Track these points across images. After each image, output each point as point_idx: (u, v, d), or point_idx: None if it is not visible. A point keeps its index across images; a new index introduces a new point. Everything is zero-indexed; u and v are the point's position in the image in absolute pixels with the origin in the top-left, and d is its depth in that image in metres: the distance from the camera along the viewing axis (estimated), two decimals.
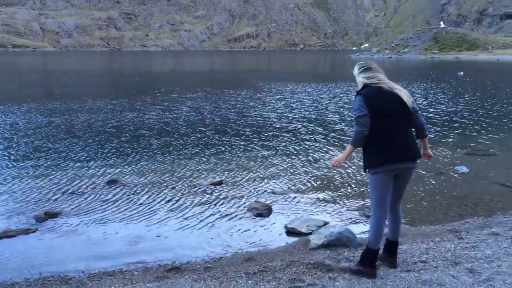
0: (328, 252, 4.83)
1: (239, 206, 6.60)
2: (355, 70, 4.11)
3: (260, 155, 9.76)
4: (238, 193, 7.18)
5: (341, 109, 17.15)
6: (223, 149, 10.40)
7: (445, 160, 9.32)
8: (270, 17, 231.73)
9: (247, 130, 12.82)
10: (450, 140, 11.45)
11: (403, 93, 3.91)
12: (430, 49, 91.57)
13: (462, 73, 37.80)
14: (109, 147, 10.49)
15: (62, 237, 5.49)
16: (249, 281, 4.03)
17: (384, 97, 3.85)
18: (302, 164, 9.01)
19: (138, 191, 7.23)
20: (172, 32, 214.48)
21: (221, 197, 7.01)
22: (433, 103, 18.83)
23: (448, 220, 6.04)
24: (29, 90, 24.55)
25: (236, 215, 6.26)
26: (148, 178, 7.95)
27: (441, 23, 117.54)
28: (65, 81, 31.93)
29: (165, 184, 7.65)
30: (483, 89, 25.48)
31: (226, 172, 8.39)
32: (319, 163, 9.13)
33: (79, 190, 7.26)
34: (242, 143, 11.08)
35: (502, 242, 4.88)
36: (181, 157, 9.59)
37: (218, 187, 7.45)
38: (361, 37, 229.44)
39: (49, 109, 16.59)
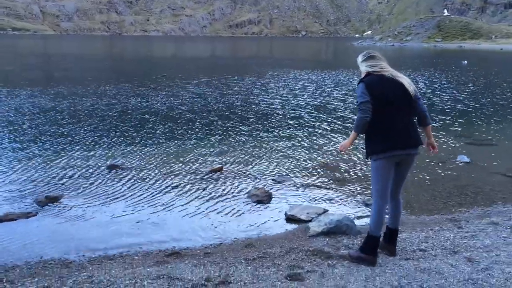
0: (327, 239, 4.85)
1: (239, 193, 6.60)
2: (359, 59, 4.14)
3: (261, 142, 9.75)
4: (239, 180, 7.19)
5: (345, 96, 17.09)
6: (225, 135, 10.38)
7: (446, 149, 9.31)
8: (272, 3, 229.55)
9: (249, 116, 12.80)
10: (451, 129, 11.43)
11: (405, 81, 3.94)
12: (433, 37, 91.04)
13: (466, 61, 37.60)
14: (110, 132, 10.48)
15: (62, 221, 5.51)
16: (249, 267, 4.05)
17: (386, 84, 3.88)
18: (303, 151, 9.00)
19: (138, 177, 7.24)
20: (173, 17, 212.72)
21: (221, 183, 7.02)
22: (436, 92, 18.76)
23: (448, 209, 6.06)
24: (30, 74, 24.44)
25: (236, 202, 6.27)
26: (148, 164, 7.95)
27: (445, 11, 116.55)
28: (67, 65, 31.79)
29: (165, 169, 7.65)
30: (487, 78, 25.36)
31: (227, 159, 8.39)
32: (321, 150, 9.12)
33: (80, 175, 7.27)
34: (244, 129, 11.06)
35: (501, 231, 4.90)
36: (182, 143, 9.58)
37: (218, 173, 7.45)
38: (363, 24, 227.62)
39: (51, 93, 16.53)
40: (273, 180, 7.21)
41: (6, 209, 5.75)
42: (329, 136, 10.42)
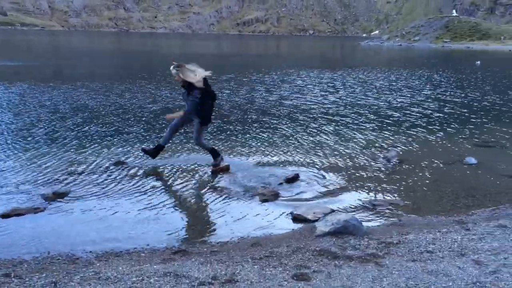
0: (334, 239, 4.84)
1: (245, 191, 6.60)
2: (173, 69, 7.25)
3: (267, 141, 9.74)
4: (246, 178, 7.18)
5: (356, 97, 17.02)
6: (232, 133, 10.39)
7: (454, 151, 9.26)
8: (280, 1, 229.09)
9: (256, 114, 12.79)
10: (459, 130, 11.36)
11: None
12: (442, 38, 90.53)
13: (479, 62, 37.17)
14: (118, 129, 10.51)
15: (69, 217, 5.54)
16: (255, 266, 4.05)
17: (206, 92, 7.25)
18: (310, 151, 8.98)
19: (144, 174, 7.27)
20: (181, 14, 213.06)
21: (228, 182, 7.02)
22: (446, 93, 18.65)
23: (455, 211, 6.03)
24: (40, 70, 24.57)
25: (242, 200, 6.28)
26: (156, 161, 7.96)
27: (454, 11, 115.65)
28: (76, 61, 31.91)
29: (172, 167, 7.67)
30: (498, 79, 25.16)
31: (234, 157, 8.39)
32: (327, 150, 9.09)
33: (87, 171, 7.30)
34: (251, 128, 11.06)
35: (510, 234, 4.86)
36: (189, 141, 9.58)
37: (225, 172, 7.45)
38: (371, 24, 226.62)
39: (60, 89, 16.61)
40: (279, 179, 7.18)
41: (14, 204, 5.78)
42: (337, 137, 10.38)
